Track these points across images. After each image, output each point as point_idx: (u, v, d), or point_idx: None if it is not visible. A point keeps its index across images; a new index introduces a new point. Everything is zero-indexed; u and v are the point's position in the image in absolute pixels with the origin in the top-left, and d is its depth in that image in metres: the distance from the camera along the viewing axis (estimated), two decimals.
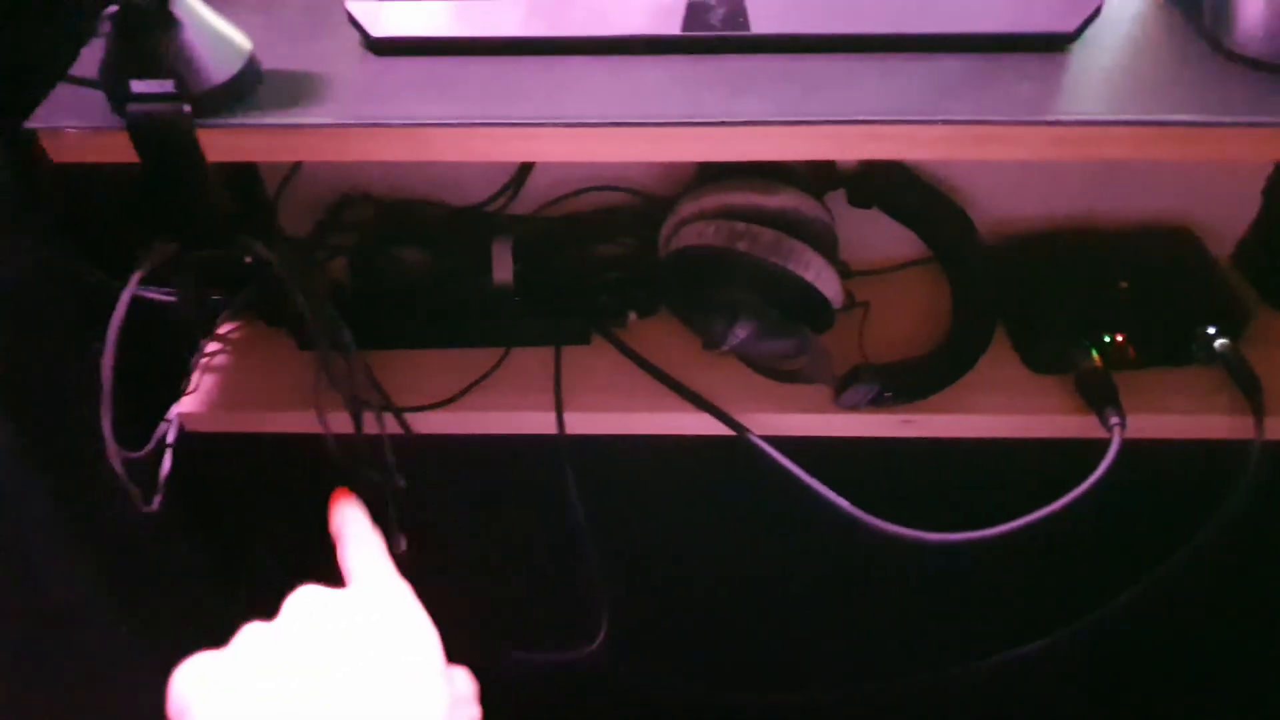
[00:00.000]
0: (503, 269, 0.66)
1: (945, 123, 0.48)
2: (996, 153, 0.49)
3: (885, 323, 0.67)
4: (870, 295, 0.68)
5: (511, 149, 0.50)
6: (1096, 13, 0.51)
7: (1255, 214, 0.68)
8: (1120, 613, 0.64)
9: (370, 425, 0.63)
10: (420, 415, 0.64)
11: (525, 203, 0.70)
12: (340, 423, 0.63)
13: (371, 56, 0.53)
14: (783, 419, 0.63)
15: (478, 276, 0.66)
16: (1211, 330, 0.61)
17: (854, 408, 0.62)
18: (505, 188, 0.68)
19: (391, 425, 0.64)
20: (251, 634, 0.38)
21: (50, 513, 0.64)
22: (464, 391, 0.65)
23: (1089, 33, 0.51)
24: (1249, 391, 0.60)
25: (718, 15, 0.52)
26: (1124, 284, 0.64)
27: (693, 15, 0.52)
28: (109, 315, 0.60)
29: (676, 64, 0.52)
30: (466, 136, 0.50)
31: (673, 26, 0.52)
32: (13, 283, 0.62)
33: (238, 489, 0.72)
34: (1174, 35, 0.52)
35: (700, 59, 0.52)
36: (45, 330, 0.64)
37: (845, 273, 0.68)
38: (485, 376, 0.65)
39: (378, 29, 0.53)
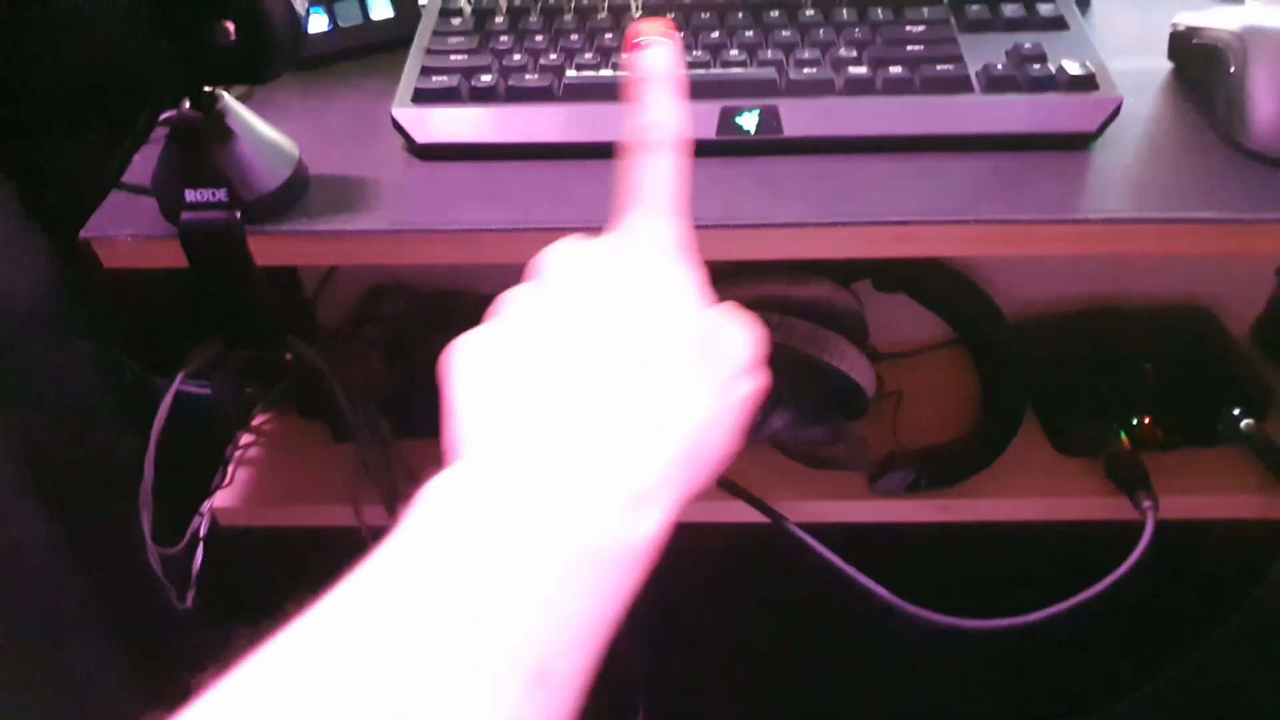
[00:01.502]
0: None
1: (976, 223, 0.50)
2: (1026, 250, 0.51)
3: (915, 406, 0.68)
4: (899, 378, 0.69)
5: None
6: (1117, 112, 0.53)
7: (1271, 293, 0.70)
8: (1158, 696, 0.64)
9: None
10: None
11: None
12: (376, 515, 0.64)
13: (417, 162, 0.55)
14: (818, 506, 0.63)
15: None
16: (1236, 411, 0.62)
17: (890, 495, 0.62)
18: None
19: None
20: (519, 307, 0.34)
21: (85, 607, 0.64)
22: None
23: (1110, 131, 0.53)
24: (1277, 471, 0.61)
25: (751, 120, 0.54)
26: (1148, 366, 0.65)
27: (727, 119, 0.54)
28: (146, 408, 0.61)
29: (713, 166, 0.53)
30: (513, 240, 0.51)
31: (708, 130, 0.54)
32: (55, 378, 0.63)
33: (271, 584, 0.71)
34: (1191, 133, 0.54)
35: (736, 161, 0.54)
36: (87, 425, 0.65)
37: (874, 356, 0.70)
38: None
39: (423, 135, 0.55)
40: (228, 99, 0.51)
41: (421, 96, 0.55)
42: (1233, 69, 0.53)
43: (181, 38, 0.47)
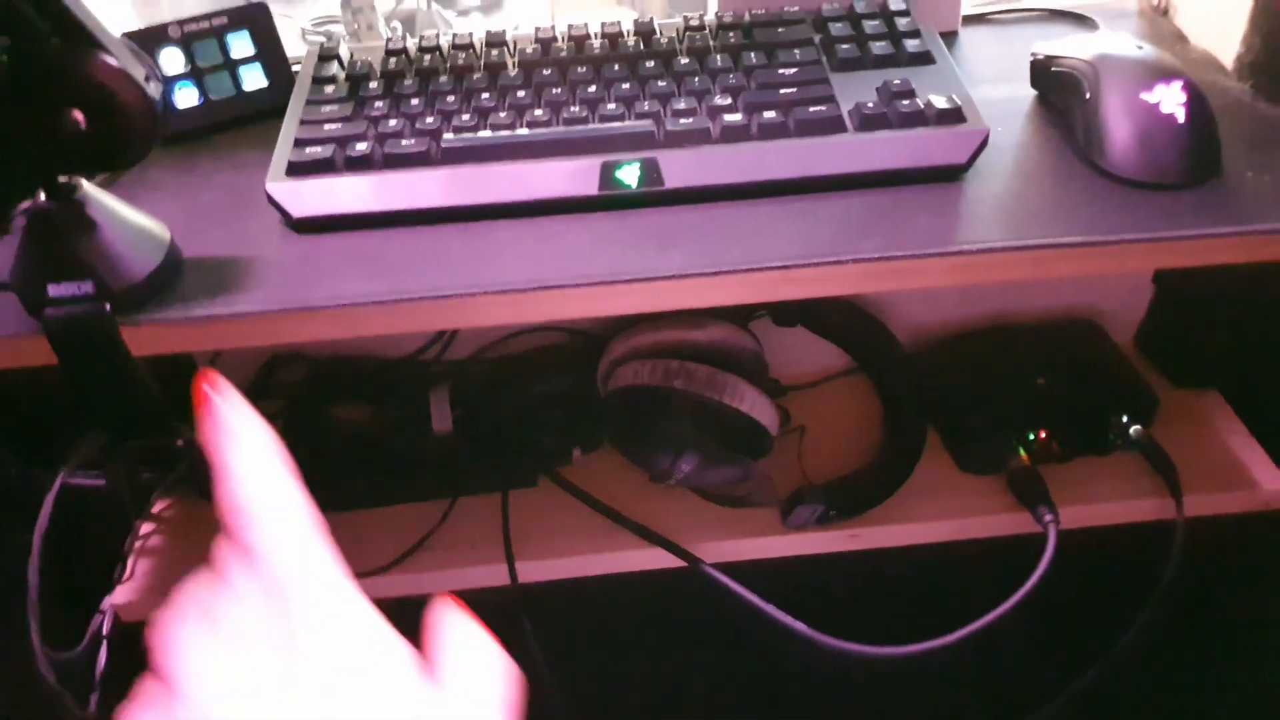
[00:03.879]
0: (442, 418, 0.66)
1: (855, 261, 0.51)
2: (906, 284, 0.52)
3: (821, 437, 0.69)
4: (803, 410, 0.69)
5: (444, 319, 0.51)
6: (985, 142, 0.54)
7: (1149, 300, 0.73)
8: (1071, 703, 0.65)
9: None
10: (368, 581, 0.63)
11: (460, 348, 0.70)
12: None
13: (294, 235, 0.54)
14: (733, 545, 0.64)
15: (417, 428, 0.66)
16: (1125, 418, 0.65)
17: (801, 528, 0.63)
18: (438, 337, 0.69)
19: None
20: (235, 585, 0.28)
21: None
22: (409, 552, 0.64)
23: (980, 161, 0.55)
24: (1166, 475, 0.64)
25: (632, 173, 0.54)
26: (1040, 381, 0.67)
27: (607, 174, 0.54)
28: (31, 503, 0.59)
29: (596, 221, 0.53)
30: (398, 311, 0.50)
31: (590, 186, 0.54)
32: None
33: None
34: (1056, 158, 0.56)
35: (618, 215, 0.54)
36: None
37: (777, 390, 0.70)
38: (430, 534, 0.64)
39: (298, 209, 0.53)
40: (87, 187, 0.49)
41: (295, 169, 0.54)
42: (1088, 95, 0.55)
43: (30, 128, 0.45)
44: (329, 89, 0.59)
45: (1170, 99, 0.53)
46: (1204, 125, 0.53)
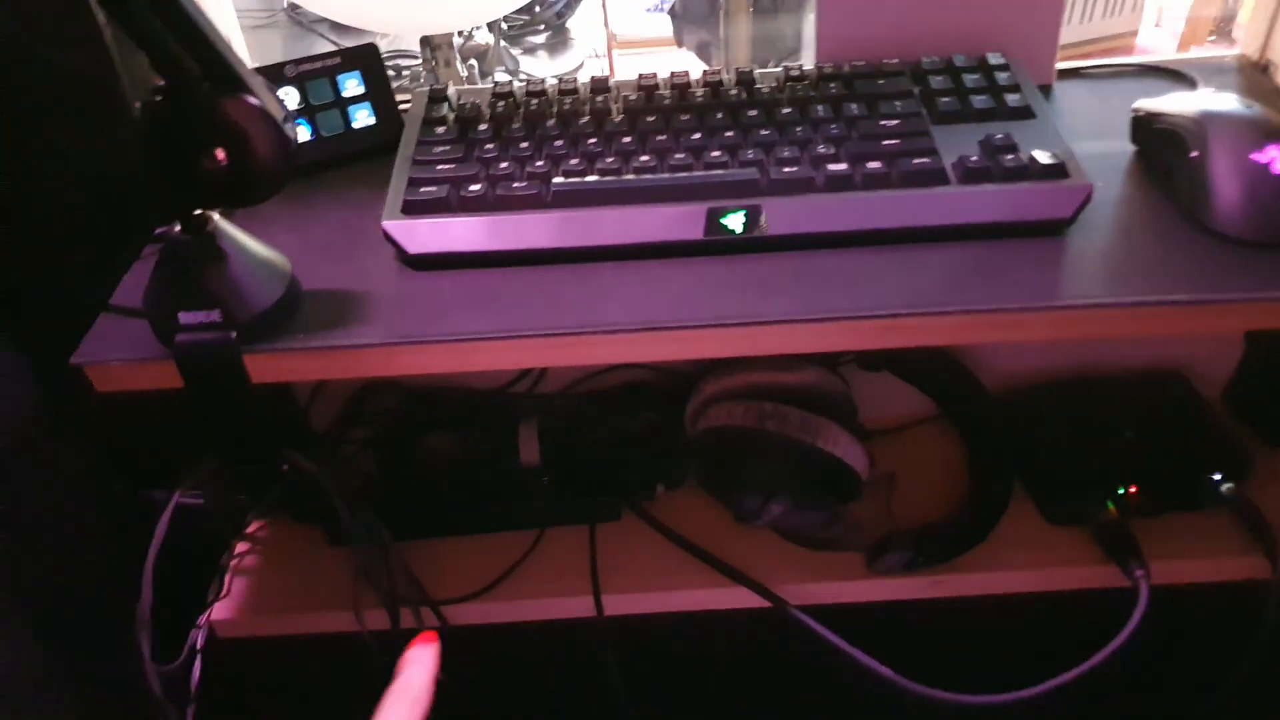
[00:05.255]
0: (529, 450, 0.68)
1: (960, 313, 0.51)
2: (1009, 336, 0.52)
3: (906, 482, 0.69)
4: (886, 455, 0.70)
5: (553, 356, 0.52)
6: (1088, 198, 0.55)
7: (1239, 357, 0.72)
8: None
9: (407, 620, 0.63)
10: (457, 607, 0.64)
11: (549, 383, 0.72)
12: (376, 619, 0.63)
13: (409, 272, 0.56)
14: (818, 588, 0.64)
15: (506, 459, 0.68)
16: (1217, 475, 0.64)
17: (887, 574, 0.63)
18: (528, 371, 0.71)
19: (429, 618, 0.64)
20: None
21: None
22: (499, 580, 0.65)
23: (1082, 217, 0.55)
24: (1260, 534, 0.63)
25: (737, 219, 0.55)
26: (1129, 434, 0.66)
27: (713, 220, 0.55)
28: (136, 523, 0.61)
29: (700, 265, 0.55)
30: (509, 348, 0.52)
31: (696, 232, 0.55)
32: (43, 501, 0.62)
33: (272, 694, 0.70)
34: (1157, 215, 0.56)
35: (723, 260, 0.55)
36: (75, 546, 0.64)
37: (863, 435, 0.71)
38: (519, 563, 0.66)
39: (414, 246, 0.55)
40: (218, 220, 0.52)
41: (411, 208, 0.56)
42: (1194, 153, 0.56)
43: (176, 164, 0.48)
44: (439, 130, 0.61)
45: (1277, 156, 0.53)
46: None
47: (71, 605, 0.63)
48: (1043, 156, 0.56)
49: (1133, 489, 0.64)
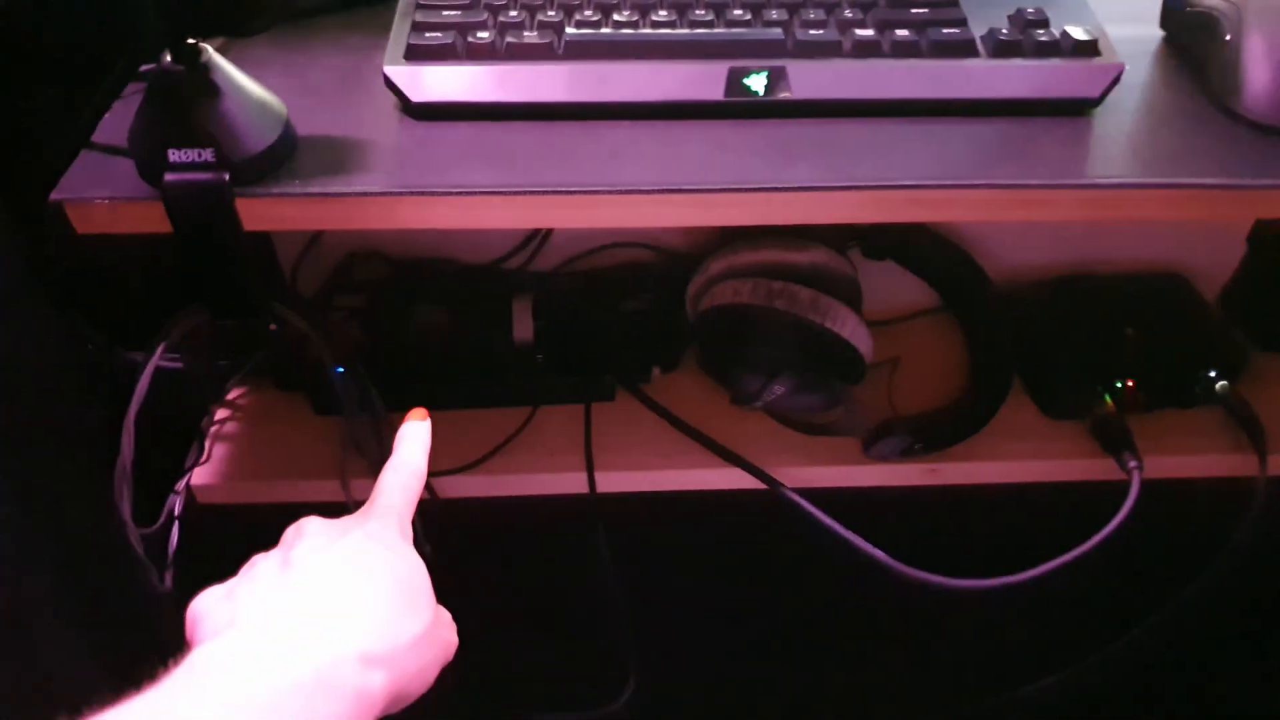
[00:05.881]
0: (524, 327, 0.66)
1: (988, 187, 0.50)
2: (1035, 214, 0.51)
3: (906, 372, 0.68)
4: (888, 345, 0.69)
5: (563, 216, 0.50)
6: (1118, 79, 0.53)
7: (1240, 259, 0.72)
8: (1137, 647, 0.66)
9: None
10: (447, 479, 0.63)
11: (545, 259, 0.69)
12: (363, 489, 0.62)
13: (411, 121, 0.53)
14: (813, 471, 0.64)
15: (498, 335, 0.66)
16: (1212, 374, 0.64)
17: (884, 459, 0.63)
18: (524, 244, 0.68)
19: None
20: (256, 560, 0.41)
21: (54, 592, 0.60)
22: (490, 454, 0.64)
23: (1110, 99, 0.54)
24: (1251, 431, 0.64)
25: (760, 81, 0.53)
26: (1129, 331, 0.66)
27: (735, 81, 0.52)
28: (114, 383, 0.58)
29: (720, 129, 0.52)
30: (518, 205, 0.49)
31: (716, 92, 0.53)
32: (14, 353, 0.59)
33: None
34: (1187, 100, 0.55)
35: (743, 124, 0.53)
36: (50, 402, 0.61)
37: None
38: (512, 438, 0.64)
39: (417, 94, 0.52)
40: (212, 53, 0.48)
41: (415, 53, 0.52)
42: (1228, 37, 0.54)
43: None
44: None
45: None
46: None
47: (49, 466, 0.61)
48: (1076, 32, 0.54)
49: (1130, 384, 0.64)
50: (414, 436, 0.48)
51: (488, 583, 0.70)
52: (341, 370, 0.61)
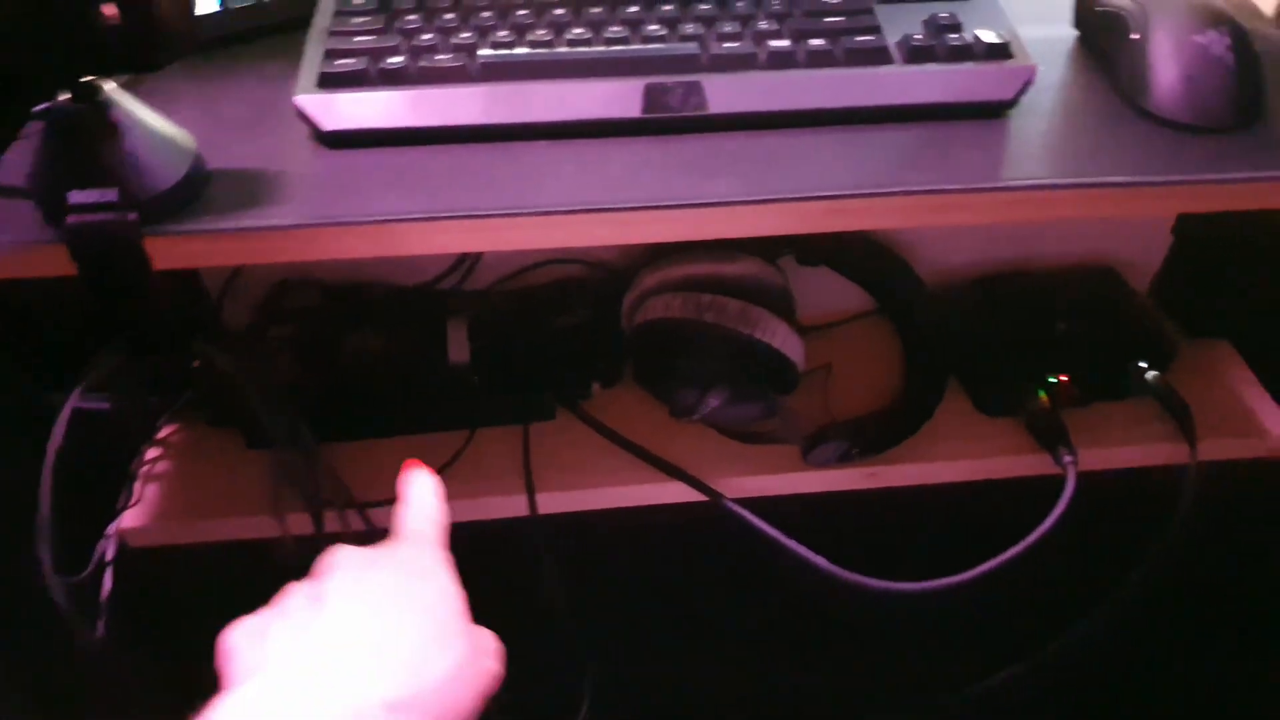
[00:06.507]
0: (459, 349, 0.65)
1: (905, 194, 0.50)
2: (953, 219, 0.52)
3: (843, 376, 0.68)
4: (825, 350, 0.69)
5: (482, 240, 0.50)
6: (1030, 81, 0.54)
7: (1167, 250, 0.73)
8: (1083, 638, 0.67)
9: (332, 524, 0.61)
10: (385, 510, 0.62)
11: (478, 278, 0.69)
12: (301, 523, 0.61)
13: (325, 150, 0.52)
14: (753, 481, 0.64)
15: (434, 359, 0.65)
16: (1143, 364, 0.65)
17: (823, 465, 0.63)
18: (457, 265, 0.67)
19: (355, 522, 0.62)
20: (290, 591, 0.41)
21: None
22: None
23: (1024, 99, 0.54)
24: (1181, 419, 0.65)
25: (676, 96, 0.52)
26: (1061, 325, 0.67)
27: (651, 97, 0.52)
28: (37, 426, 0.57)
29: (639, 146, 0.52)
30: (436, 230, 0.49)
31: (633, 109, 0.52)
32: None
33: (188, 604, 0.67)
34: (1099, 100, 0.56)
35: (662, 140, 0.52)
36: None
37: (801, 330, 0.70)
38: (449, 464, 0.64)
39: (330, 122, 0.51)
40: (111, 89, 0.47)
41: (327, 81, 0.52)
42: (1134, 35, 0.55)
43: (60, 21, 0.43)
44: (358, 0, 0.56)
45: (1219, 42, 0.53)
46: (1251, 69, 0.53)
47: None
48: (987, 36, 0.54)
49: (1063, 379, 0.65)
50: (415, 479, 0.48)
51: None
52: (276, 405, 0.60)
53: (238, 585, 0.68)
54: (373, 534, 0.62)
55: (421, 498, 0.46)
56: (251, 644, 0.38)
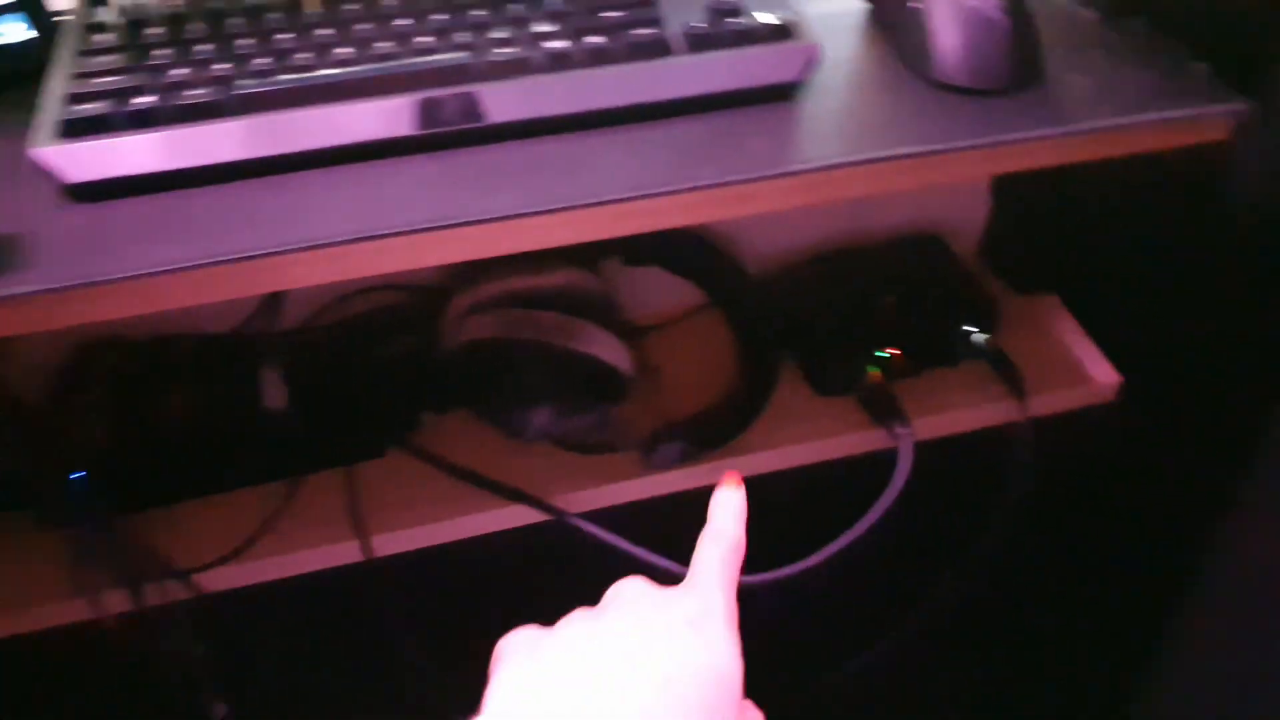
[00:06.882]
0: (275, 394, 0.62)
1: (693, 190, 0.49)
2: (748, 209, 0.51)
3: (679, 374, 0.67)
4: (662, 349, 0.68)
5: (259, 282, 0.47)
6: (815, 59, 0.53)
7: (988, 211, 0.74)
8: (939, 602, 0.67)
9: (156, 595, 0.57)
10: (210, 573, 0.58)
11: (289, 316, 0.65)
12: (117, 602, 0.57)
13: (73, 205, 0.48)
14: (596, 493, 0.62)
15: (249, 408, 0.61)
16: (970, 328, 0.66)
17: (663, 467, 0.62)
18: (264, 306, 0.64)
19: (181, 590, 0.58)
20: (575, 616, 0.38)
21: None
22: (255, 538, 0.59)
23: (815, 79, 0.54)
24: (1009, 379, 0.65)
25: (451, 109, 0.50)
26: (889, 298, 0.67)
27: (426, 112, 0.50)
28: None
29: (415, 164, 0.50)
30: (206, 278, 0.45)
31: (407, 127, 0.50)
32: None
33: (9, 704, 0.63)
34: (888, 72, 0.56)
35: (441, 156, 0.50)
36: None
37: (635, 332, 0.68)
38: (275, 516, 0.60)
39: (76, 173, 0.47)
40: None
41: (70, 129, 0.47)
42: (913, 4, 0.55)
43: None
44: (103, 37, 0.52)
45: (991, 4, 0.53)
46: (1025, 29, 0.54)
47: None
48: (767, 18, 0.53)
49: (893, 352, 0.65)
50: (726, 503, 0.43)
51: (279, 671, 0.66)
52: (77, 476, 0.56)
53: (59, 676, 0.64)
54: (206, 599, 0.58)
55: (721, 531, 0.42)
56: (518, 656, 0.36)
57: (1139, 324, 0.72)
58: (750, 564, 0.61)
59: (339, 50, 0.51)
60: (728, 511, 0.43)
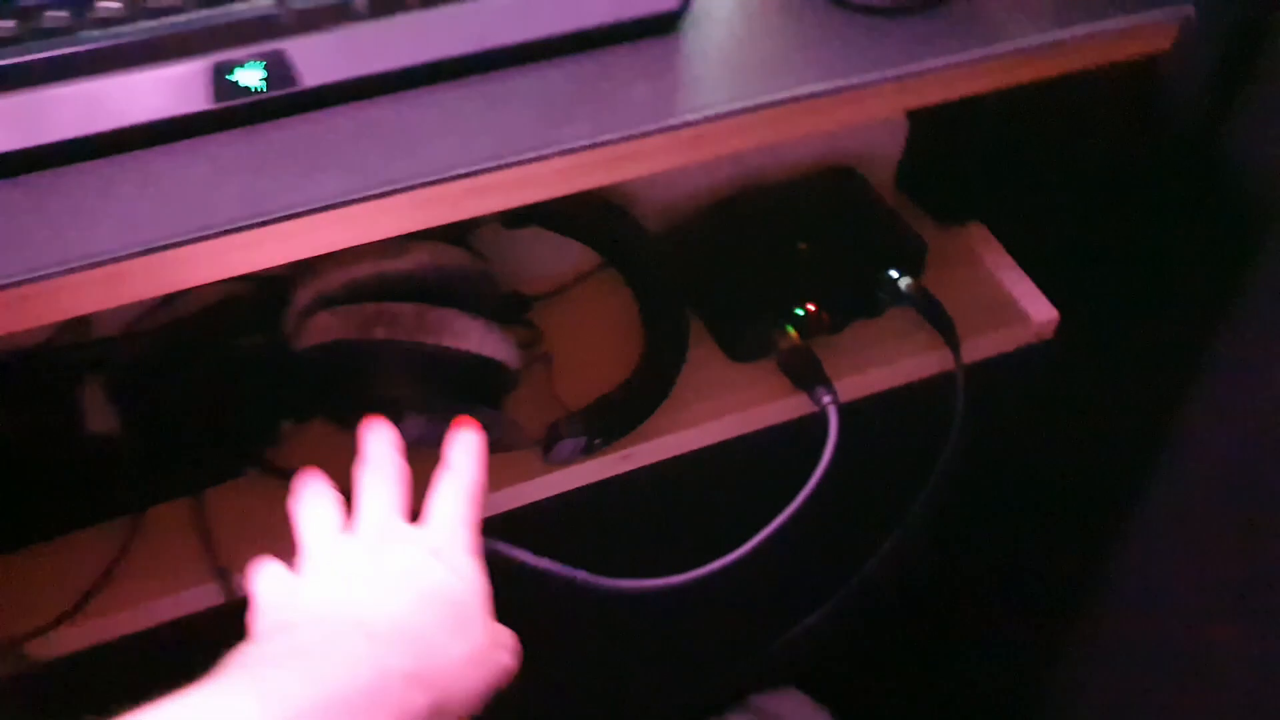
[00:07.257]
0: (100, 416, 0.52)
1: (561, 154, 0.41)
2: (629, 172, 0.43)
3: (577, 352, 0.60)
4: (555, 321, 0.60)
5: (14, 318, 0.37)
6: None
7: (904, 137, 0.67)
8: (886, 561, 0.63)
9: None
10: (42, 640, 0.50)
11: (107, 320, 0.55)
12: None
13: None
14: (497, 496, 0.55)
15: (69, 434, 0.52)
16: (894, 273, 0.59)
17: (568, 463, 0.55)
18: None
19: (10, 664, 0.49)
20: (321, 542, 0.42)
21: None
22: (92, 593, 0.51)
23: (696, 7, 0.45)
24: (941, 326, 0.59)
25: (254, 74, 0.40)
26: (802, 246, 0.60)
27: (221, 79, 0.40)
28: None
29: (217, 145, 0.41)
30: None
31: (200, 100, 0.40)
32: None
33: None
34: None
35: (246, 133, 0.41)
36: None
37: (521, 305, 0.60)
38: (114, 565, 0.52)
39: None
40: None
41: None
42: None
43: None
44: None
45: None
46: None
47: None
48: None
49: (811, 307, 0.58)
50: (463, 442, 0.44)
51: None
52: None
53: None
54: (32, 672, 0.50)
55: (461, 468, 0.43)
56: (282, 600, 0.39)
57: (1070, 248, 0.67)
58: (678, 553, 0.56)
59: (104, 5, 0.41)
60: (465, 451, 0.44)
